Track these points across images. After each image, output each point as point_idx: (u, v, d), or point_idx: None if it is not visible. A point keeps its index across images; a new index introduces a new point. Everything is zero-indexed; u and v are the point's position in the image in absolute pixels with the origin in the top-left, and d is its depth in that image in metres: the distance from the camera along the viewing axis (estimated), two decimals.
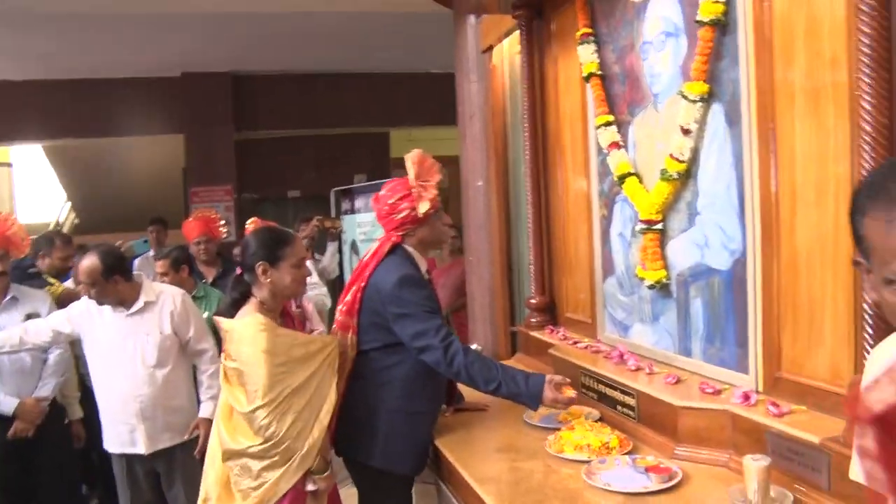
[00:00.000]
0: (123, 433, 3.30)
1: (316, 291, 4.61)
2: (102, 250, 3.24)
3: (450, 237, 2.79)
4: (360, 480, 2.66)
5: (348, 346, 2.53)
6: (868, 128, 1.67)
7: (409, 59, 7.95)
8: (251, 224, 3.55)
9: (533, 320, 3.66)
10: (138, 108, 8.12)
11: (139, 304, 3.29)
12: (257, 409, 2.28)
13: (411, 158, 2.60)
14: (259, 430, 2.28)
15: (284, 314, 2.56)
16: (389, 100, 8.61)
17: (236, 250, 2.74)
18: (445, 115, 8.45)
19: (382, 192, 2.64)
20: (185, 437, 3.35)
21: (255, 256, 2.43)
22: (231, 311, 2.46)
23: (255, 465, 2.30)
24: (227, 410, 2.42)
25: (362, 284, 2.59)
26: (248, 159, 8.47)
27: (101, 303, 3.26)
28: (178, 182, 9.12)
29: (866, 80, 1.68)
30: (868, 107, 1.66)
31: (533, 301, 3.67)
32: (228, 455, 2.35)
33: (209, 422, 2.88)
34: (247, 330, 2.35)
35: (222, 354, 2.46)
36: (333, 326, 2.67)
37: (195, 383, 3.48)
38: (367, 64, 8.19)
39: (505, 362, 3.91)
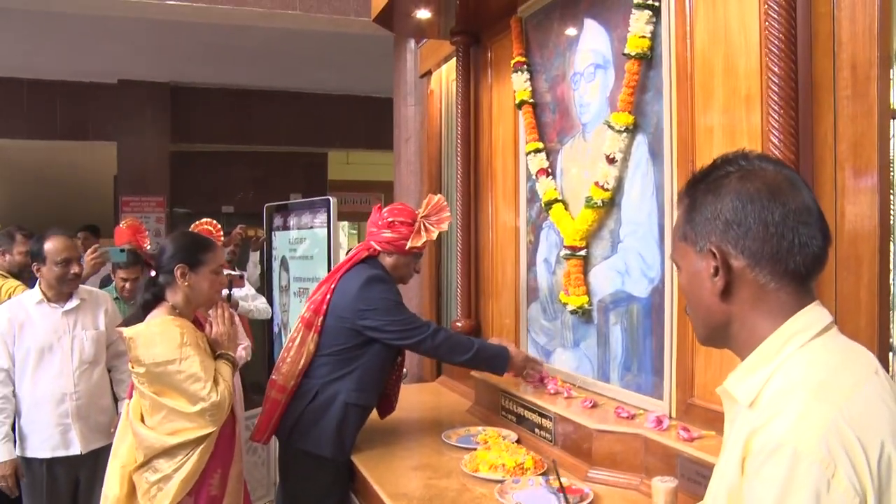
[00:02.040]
0: (55, 435, 3.19)
1: (259, 301, 4.55)
2: None
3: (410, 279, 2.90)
4: (304, 469, 2.64)
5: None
6: None
7: (348, 82, 7.98)
8: (203, 224, 3.65)
9: None
10: (72, 112, 7.89)
11: (75, 301, 3.28)
12: (208, 395, 2.24)
13: (432, 198, 2.77)
14: (211, 416, 2.24)
15: (196, 325, 2.48)
16: (326, 121, 8.59)
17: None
18: (381, 140, 8.50)
19: (392, 207, 2.80)
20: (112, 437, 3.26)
21: (174, 258, 2.37)
22: (141, 313, 2.38)
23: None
24: (139, 418, 2.34)
25: (332, 285, 2.68)
26: (182, 172, 8.30)
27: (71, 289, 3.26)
28: (108, 190, 8.89)
29: (775, 117, 1.76)
30: (777, 142, 1.74)
31: (459, 324, 3.68)
32: (152, 454, 2.26)
33: None
34: (154, 329, 2.28)
35: (129, 364, 2.37)
36: (298, 323, 2.70)
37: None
38: (306, 84, 8.18)
39: (428, 384, 3.94)
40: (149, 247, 4.84)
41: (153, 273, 2.43)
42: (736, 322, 1.09)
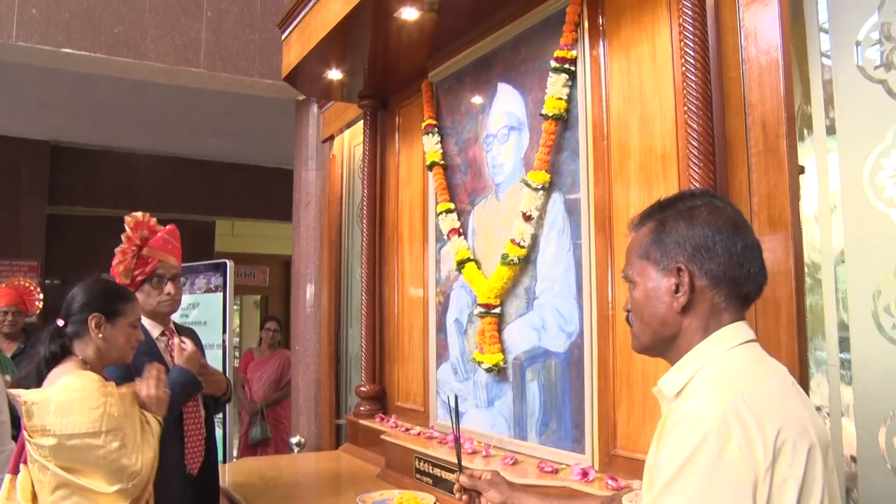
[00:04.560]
0: None
1: None
2: None
3: (168, 307, 2.59)
4: None
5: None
6: None
7: (238, 149, 7.86)
8: None
9: (363, 409, 3.57)
10: None
11: None
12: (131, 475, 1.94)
13: (130, 223, 2.65)
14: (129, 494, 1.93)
15: None
16: (215, 188, 8.39)
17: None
18: (270, 210, 8.34)
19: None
20: None
21: (88, 307, 2.10)
22: (44, 367, 2.06)
23: None
24: (28, 497, 1.97)
25: None
26: (59, 236, 7.81)
27: None
28: None
29: (696, 170, 1.85)
30: None
31: (364, 389, 3.59)
32: None
33: None
34: (71, 394, 1.94)
35: (25, 433, 1.99)
36: None
37: None
38: (196, 150, 7.98)
39: (327, 452, 3.80)
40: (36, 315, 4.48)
41: (60, 323, 2.13)
42: (684, 335, 1.23)
